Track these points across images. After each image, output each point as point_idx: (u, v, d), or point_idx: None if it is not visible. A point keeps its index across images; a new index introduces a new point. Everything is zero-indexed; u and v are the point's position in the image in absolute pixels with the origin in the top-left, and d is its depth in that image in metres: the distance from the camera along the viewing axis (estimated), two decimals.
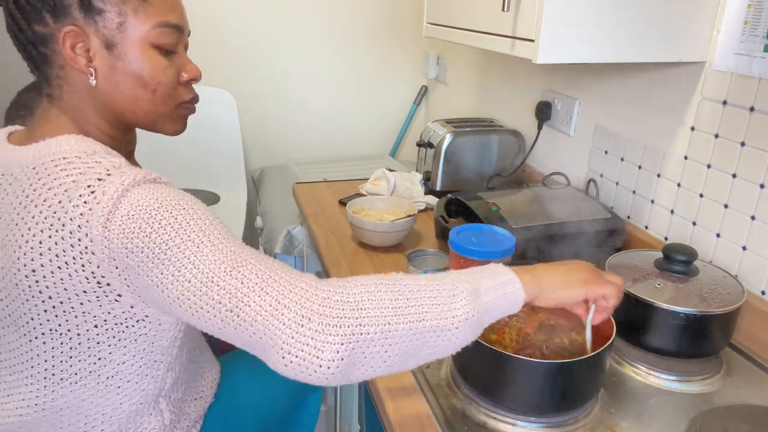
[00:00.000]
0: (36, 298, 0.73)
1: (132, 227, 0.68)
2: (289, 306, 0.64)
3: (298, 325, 0.63)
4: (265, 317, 0.64)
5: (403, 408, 0.83)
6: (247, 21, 2.25)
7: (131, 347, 0.78)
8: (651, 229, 1.25)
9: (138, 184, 0.70)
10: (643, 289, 0.93)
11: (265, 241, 1.89)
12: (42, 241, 0.70)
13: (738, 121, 1.02)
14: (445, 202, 1.39)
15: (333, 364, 0.63)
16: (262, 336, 0.65)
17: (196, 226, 0.69)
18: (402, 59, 2.46)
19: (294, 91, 2.39)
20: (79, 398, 0.80)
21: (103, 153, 0.75)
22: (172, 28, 0.79)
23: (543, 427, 0.80)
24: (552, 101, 1.57)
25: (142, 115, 0.81)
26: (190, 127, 0.93)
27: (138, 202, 0.68)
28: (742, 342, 1.01)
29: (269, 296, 0.65)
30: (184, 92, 0.85)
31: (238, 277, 0.66)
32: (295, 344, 0.63)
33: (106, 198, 0.68)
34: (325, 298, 0.65)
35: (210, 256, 0.67)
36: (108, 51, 0.76)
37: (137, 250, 0.68)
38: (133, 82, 0.78)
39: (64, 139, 0.75)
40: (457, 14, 1.30)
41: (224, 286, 0.66)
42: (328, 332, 0.63)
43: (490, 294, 0.71)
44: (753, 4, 0.97)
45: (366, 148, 2.56)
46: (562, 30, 0.98)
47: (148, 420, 0.86)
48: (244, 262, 0.68)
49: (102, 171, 0.71)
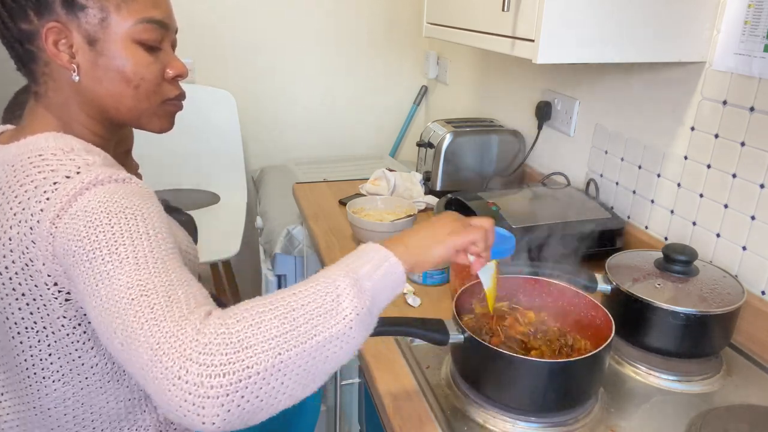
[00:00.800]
0: (10, 296, 0.73)
1: (73, 228, 0.67)
2: (168, 353, 0.57)
3: (176, 377, 0.56)
4: (146, 361, 0.58)
5: (403, 408, 0.83)
6: (248, 21, 2.25)
7: (98, 347, 0.78)
8: (651, 229, 1.25)
9: (99, 184, 0.69)
10: (643, 289, 0.93)
11: (265, 241, 1.89)
12: (11, 237, 0.70)
13: (738, 121, 1.02)
14: (445, 202, 1.38)
15: (218, 419, 0.56)
16: (146, 378, 0.59)
17: (129, 239, 0.65)
18: (402, 59, 2.46)
19: (294, 91, 2.39)
20: (63, 397, 0.80)
21: (81, 150, 0.75)
22: (155, 24, 0.79)
23: (543, 426, 0.80)
24: (552, 101, 1.57)
25: (126, 111, 0.81)
26: (190, 127, 0.93)
27: (87, 204, 0.67)
28: (742, 342, 1.01)
29: (153, 338, 0.59)
30: (170, 89, 0.84)
31: (135, 308, 0.61)
32: (174, 397, 0.56)
33: (62, 194, 0.68)
34: (206, 344, 0.57)
35: (125, 276, 0.63)
36: (90, 47, 0.76)
37: (71, 252, 0.67)
38: (116, 78, 0.78)
39: (43, 137, 0.75)
40: (457, 14, 1.30)
41: (122, 314, 0.61)
42: (208, 385, 0.56)
43: (372, 279, 0.67)
44: (753, 4, 0.97)
45: (366, 148, 2.56)
46: (562, 30, 0.98)
47: (142, 417, 0.86)
48: (151, 291, 0.62)
49: (73, 168, 0.71)
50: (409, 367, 0.91)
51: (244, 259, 2.32)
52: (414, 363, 0.92)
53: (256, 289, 2.33)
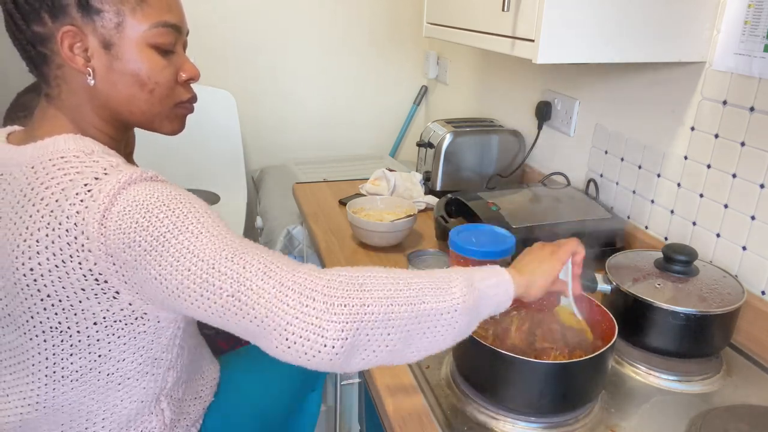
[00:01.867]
0: (35, 297, 0.73)
1: (129, 222, 0.68)
2: (292, 288, 0.65)
3: (302, 305, 0.64)
4: (268, 299, 0.65)
5: (403, 408, 0.83)
6: (248, 21, 2.25)
7: (131, 344, 0.78)
8: (651, 229, 1.25)
9: (135, 182, 0.71)
10: (643, 289, 0.93)
11: (265, 241, 1.89)
12: (39, 239, 0.70)
13: (738, 121, 1.02)
14: (445, 202, 1.38)
15: (338, 343, 0.64)
16: (264, 319, 0.65)
17: (194, 218, 0.69)
18: (402, 59, 2.46)
19: (294, 91, 2.39)
20: (80, 396, 0.80)
21: (101, 153, 0.75)
22: (170, 28, 0.79)
23: (543, 427, 0.80)
24: (552, 101, 1.57)
25: (140, 114, 0.81)
26: (189, 127, 0.94)
27: (135, 198, 0.69)
28: (742, 342, 1.01)
29: (272, 279, 0.66)
30: (182, 92, 0.85)
31: (239, 263, 0.67)
32: (299, 324, 0.63)
33: (102, 195, 0.69)
34: (329, 280, 0.66)
35: (209, 245, 0.68)
36: (106, 51, 0.76)
37: (134, 245, 0.68)
38: (131, 82, 0.78)
39: (62, 139, 0.76)
40: (457, 14, 1.30)
41: (225, 271, 0.66)
42: (332, 311, 0.64)
43: (484, 283, 0.74)
44: (753, 4, 0.97)
45: (366, 148, 2.56)
46: (562, 30, 0.98)
47: (149, 419, 0.86)
48: (246, 249, 0.68)
49: (99, 170, 0.72)
50: (409, 367, 0.91)
51: None
52: (414, 363, 0.92)
53: None
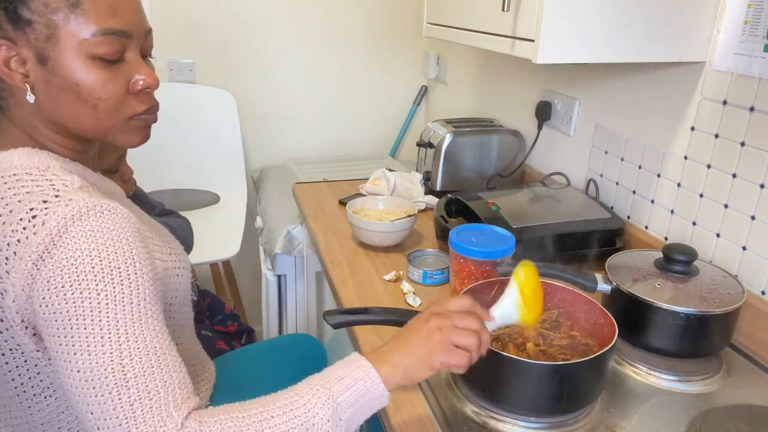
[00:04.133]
0: None
1: (57, 281, 0.63)
2: None
3: None
4: None
5: (404, 408, 0.83)
6: (248, 21, 2.24)
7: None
8: (651, 229, 1.25)
9: (83, 216, 0.65)
10: (643, 289, 0.93)
11: (265, 241, 1.89)
12: None
13: (738, 121, 1.02)
14: (445, 202, 1.38)
15: None
16: None
17: (112, 310, 0.64)
18: (402, 59, 2.46)
19: (294, 91, 2.39)
20: (56, 411, 0.77)
21: (58, 169, 0.71)
22: (114, 35, 0.70)
23: (543, 427, 0.80)
24: (552, 101, 1.57)
25: (88, 130, 0.74)
26: (190, 127, 0.92)
27: (73, 252, 0.64)
28: (742, 342, 1.01)
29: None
30: (136, 104, 0.75)
31: (115, 398, 0.63)
32: None
33: (45, 231, 0.64)
34: None
35: (107, 356, 0.63)
36: (41, 65, 0.69)
37: (51, 308, 0.64)
38: (71, 98, 0.70)
39: (17, 153, 0.71)
40: (457, 14, 1.30)
41: (100, 399, 0.63)
42: None
43: (351, 408, 0.67)
44: (753, 4, 0.97)
45: (366, 148, 2.56)
46: (561, 30, 0.98)
47: None
48: (132, 380, 0.63)
49: (50, 192, 0.67)
50: None
51: (244, 259, 2.33)
52: None
53: (256, 289, 2.33)
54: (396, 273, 1.19)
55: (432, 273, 1.16)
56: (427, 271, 1.16)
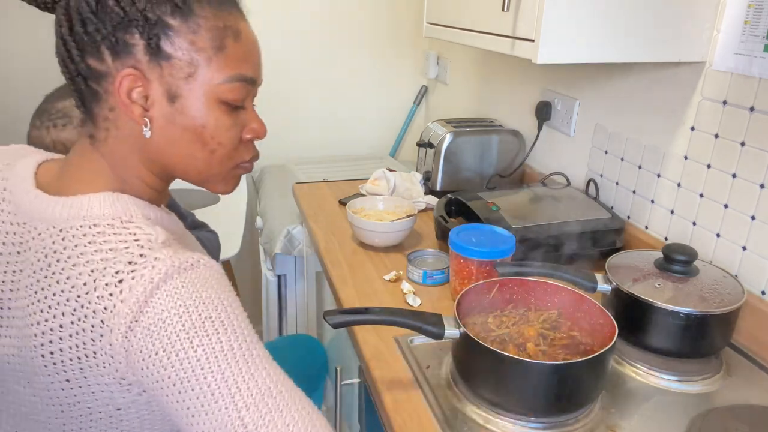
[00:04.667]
0: (53, 377, 0.66)
1: (150, 348, 0.60)
2: None
3: None
4: None
5: (403, 408, 0.83)
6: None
7: (156, 422, 0.71)
8: (651, 229, 1.25)
9: (169, 278, 0.62)
10: (643, 289, 0.93)
11: (265, 241, 1.89)
12: (63, 325, 0.63)
13: (738, 121, 1.02)
14: (445, 202, 1.39)
15: None
16: None
17: (215, 364, 0.60)
18: (402, 59, 2.46)
19: (294, 91, 2.39)
20: None
21: (140, 220, 0.67)
22: (244, 82, 0.69)
23: (543, 427, 0.80)
24: (552, 101, 1.57)
25: (195, 174, 0.72)
26: None
27: (163, 314, 0.60)
28: (742, 342, 1.01)
29: None
30: (245, 152, 0.74)
31: (264, 418, 0.60)
32: None
33: (133, 299, 0.60)
34: None
35: (223, 411, 0.60)
36: (169, 102, 0.66)
37: (158, 367, 0.61)
38: (192, 140, 0.68)
39: (96, 200, 0.67)
40: (457, 14, 1.30)
41: (248, 425, 0.59)
42: None
43: None
44: (753, 4, 0.97)
45: (366, 148, 2.56)
46: (561, 30, 0.98)
47: None
48: (253, 429, 0.60)
49: (135, 251, 0.63)
50: (409, 367, 0.91)
51: (244, 259, 2.33)
52: (414, 363, 0.92)
53: (256, 289, 2.33)
54: (396, 273, 1.19)
55: (432, 273, 1.16)
56: (427, 271, 1.16)
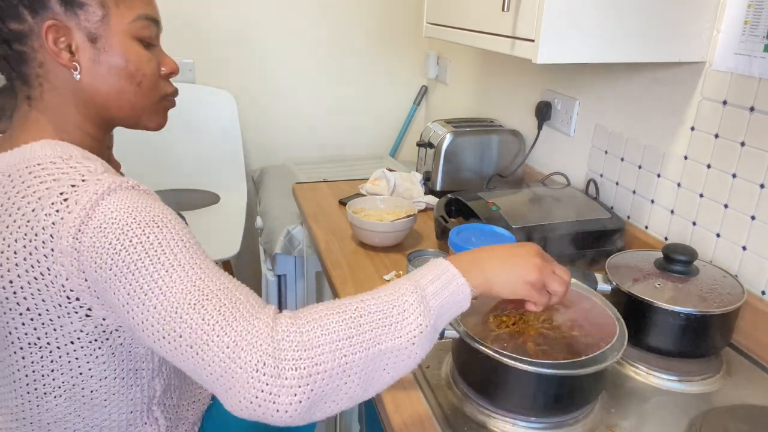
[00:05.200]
0: (14, 311, 0.71)
1: (102, 241, 0.65)
2: (246, 349, 0.61)
3: (254, 370, 0.60)
4: (222, 359, 0.62)
5: (404, 408, 0.83)
6: (248, 21, 2.25)
7: (110, 361, 0.77)
8: (651, 229, 1.25)
9: (113, 192, 0.68)
10: (643, 289, 0.93)
11: (265, 241, 1.89)
12: (17, 251, 0.68)
13: (738, 121, 1.02)
14: (445, 202, 1.38)
15: (291, 407, 0.61)
16: (219, 378, 0.62)
17: (167, 247, 0.66)
18: (402, 59, 2.46)
19: (294, 91, 2.39)
20: (64, 412, 0.78)
21: (80, 158, 0.73)
22: (151, 21, 0.80)
23: (543, 427, 0.80)
24: (552, 101, 1.57)
25: (128, 108, 0.81)
26: (190, 127, 0.94)
27: (111, 214, 0.66)
28: (742, 342, 1.01)
29: (228, 337, 0.62)
30: (166, 85, 0.85)
31: (201, 312, 0.63)
32: (250, 389, 0.61)
33: (79, 207, 0.66)
34: (281, 340, 0.62)
35: (178, 283, 0.64)
36: (92, 44, 0.75)
37: (106, 266, 0.65)
38: (119, 75, 0.78)
39: (39, 145, 0.73)
40: (457, 14, 1.30)
41: (186, 320, 0.63)
42: (284, 376, 0.60)
43: (438, 298, 0.68)
44: (753, 4, 0.97)
45: (366, 148, 2.56)
46: (562, 30, 0.98)
47: (143, 429, 0.85)
48: (210, 294, 0.64)
49: (77, 177, 0.69)
50: None
51: (244, 259, 2.32)
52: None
53: (256, 289, 2.32)
54: (396, 273, 1.19)
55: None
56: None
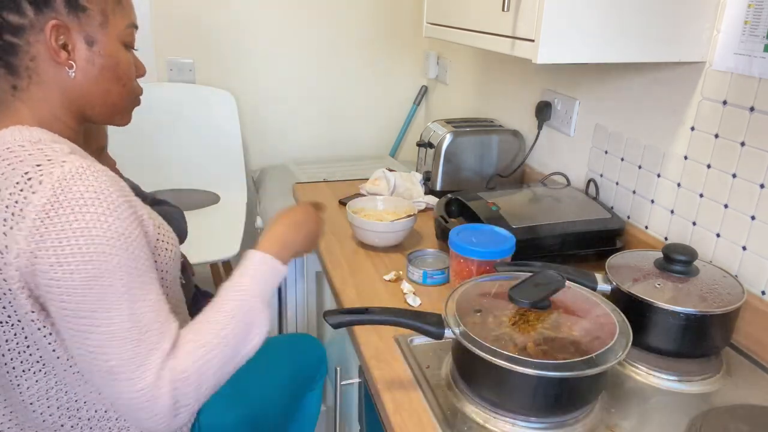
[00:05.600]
0: None
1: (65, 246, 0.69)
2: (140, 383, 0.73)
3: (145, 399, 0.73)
4: (122, 389, 0.73)
5: (403, 408, 0.83)
6: (248, 21, 2.25)
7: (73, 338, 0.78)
8: (651, 229, 1.25)
9: (75, 179, 0.70)
10: (643, 289, 0.93)
11: None
12: None
13: (738, 121, 1.02)
14: (445, 202, 1.38)
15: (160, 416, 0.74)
16: (107, 393, 0.74)
17: (124, 277, 0.73)
18: (402, 59, 2.46)
19: (294, 91, 2.39)
20: (46, 387, 0.80)
21: (48, 141, 0.76)
22: (135, 28, 0.86)
23: (543, 427, 0.80)
24: (552, 101, 1.57)
25: (110, 106, 0.86)
26: (190, 127, 0.97)
27: (74, 220, 0.69)
28: (742, 342, 1.01)
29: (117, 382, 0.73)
30: (138, 87, 0.90)
31: (112, 350, 0.72)
32: (139, 412, 0.74)
33: (43, 191, 0.69)
34: (171, 380, 0.74)
35: (124, 315, 0.72)
36: (88, 46, 0.80)
37: (60, 272, 0.69)
38: (109, 77, 0.83)
39: (9, 131, 0.76)
40: (457, 14, 1.30)
41: (102, 353, 0.72)
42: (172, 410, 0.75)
43: (269, 292, 0.87)
44: (753, 4, 0.97)
45: (366, 148, 2.56)
46: (561, 30, 0.98)
47: None
48: (125, 332, 0.73)
49: (41, 157, 0.72)
50: (409, 367, 0.91)
51: None
52: (414, 363, 0.92)
53: None
54: (396, 273, 1.19)
55: (432, 273, 1.16)
56: (427, 271, 1.16)
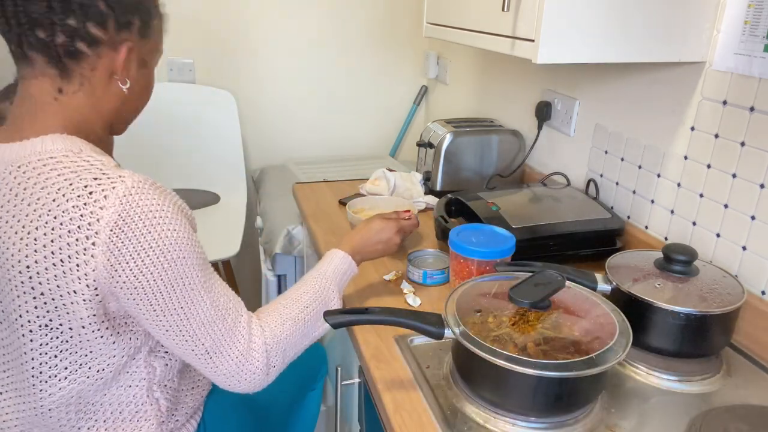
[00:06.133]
0: (28, 294, 0.74)
1: (134, 250, 0.73)
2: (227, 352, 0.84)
3: (242, 364, 0.85)
4: (228, 367, 0.85)
5: (403, 408, 0.83)
6: (248, 21, 2.25)
7: (116, 339, 0.80)
8: (651, 229, 1.25)
9: (139, 193, 0.74)
10: (643, 289, 0.93)
11: (265, 241, 1.89)
12: (37, 238, 0.72)
13: (738, 121, 1.02)
14: (445, 202, 1.38)
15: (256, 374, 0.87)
16: (213, 373, 0.85)
17: (198, 273, 0.81)
18: (402, 59, 2.46)
19: (294, 92, 2.39)
20: (68, 396, 0.80)
21: (89, 151, 0.77)
22: None
23: (543, 427, 0.80)
24: (552, 101, 1.57)
25: (131, 120, 0.92)
26: (190, 127, 0.99)
27: (144, 212, 0.74)
28: (742, 342, 1.01)
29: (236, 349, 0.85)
30: None
31: (208, 329, 0.82)
32: (238, 382, 0.86)
33: (111, 206, 0.72)
34: (261, 349, 0.86)
35: (206, 304, 0.81)
36: (140, 68, 0.86)
37: (142, 254, 0.74)
38: (144, 96, 0.91)
39: (49, 139, 0.77)
40: (457, 14, 1.30)
41: (195, 332, 0.81)
42: (265, 368, 0.87)
43: (344, 281, 1.02)
44: (753, 4, 0.97)
45: (366, 148, 2.56)
46: (562, 30, 0.98)
47: (144, 409, 0.87)
48: (216, 312, 0.83)
49: (95, 171, 0.74)
50: (409, 367, 0.91)
51: (244, 259, 2.33)
52: (414, 363, 0.92)
53: (256, 289, 2.33)
54: (396, 273, 1.19)
55: (432, 273, 1.16)
56: (427, 271, 1.16)
